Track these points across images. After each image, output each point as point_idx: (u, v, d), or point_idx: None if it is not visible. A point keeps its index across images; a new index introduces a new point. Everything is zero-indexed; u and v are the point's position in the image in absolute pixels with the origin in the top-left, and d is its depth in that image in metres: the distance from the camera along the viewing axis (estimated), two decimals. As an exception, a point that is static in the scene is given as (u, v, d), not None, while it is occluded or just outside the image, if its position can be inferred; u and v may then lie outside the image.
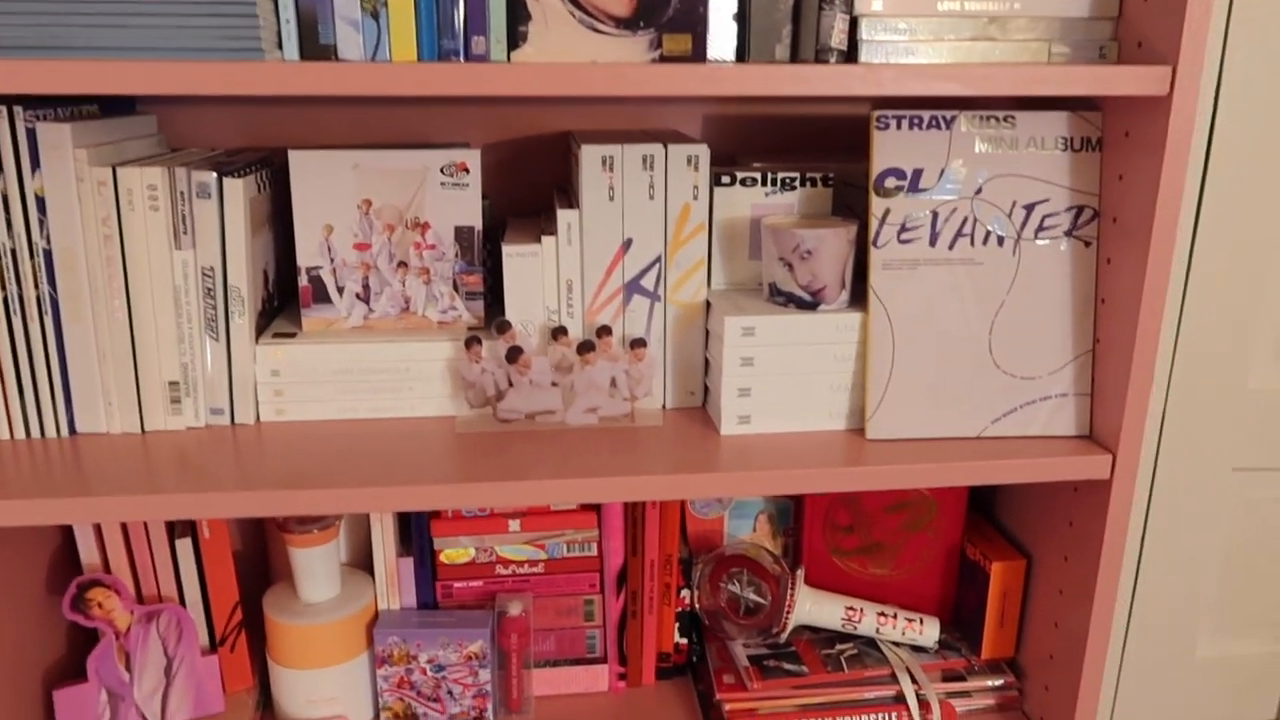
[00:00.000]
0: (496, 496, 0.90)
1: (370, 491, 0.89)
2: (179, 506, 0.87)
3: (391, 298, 1.05)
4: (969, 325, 0.98)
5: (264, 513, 0.88)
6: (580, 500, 0.90)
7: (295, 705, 1.09)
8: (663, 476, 0.92)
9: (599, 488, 0.91)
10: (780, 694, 1.11)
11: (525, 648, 1.12)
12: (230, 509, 0.88)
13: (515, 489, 0.90)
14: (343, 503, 0.89)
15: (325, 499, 0.89)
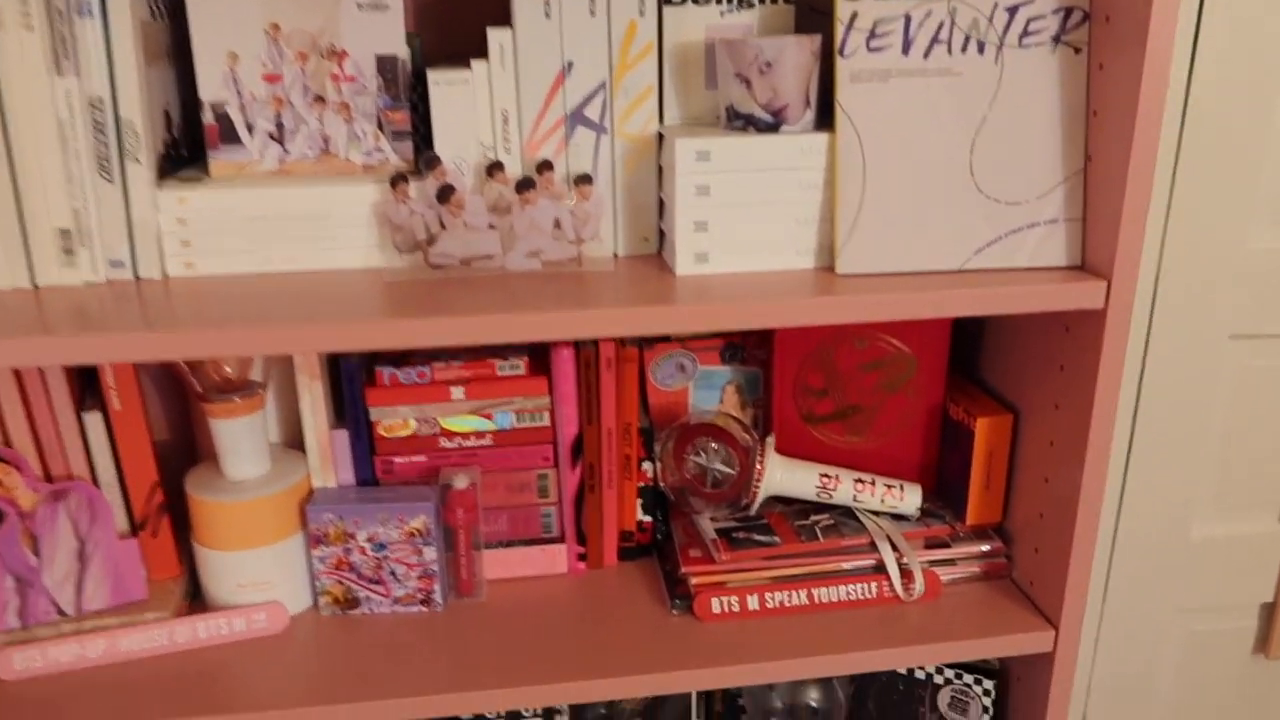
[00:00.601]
0: (432, 333, 0.81)
1: (292, 330, 0.79)
2: (80, 350, 0.78)
3: (309, 137, 0.94)
4: (948, 145, 0.88)
5: (175, 355, 0.79)
6: (524, 337, 0.81)
7: (224, 591, 1.00)
8: (613, 310, 0.82)
9: (544, 324, 0.82)
10: (751, 565, 1.03)
11: (474, 524, 1.03)
12: (137, 351, 0.78)
13: (453, 325, 0.81)
14: (262, 343, 0.79)
15: (242, 339, 0.79)
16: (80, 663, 0.96)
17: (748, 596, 1.02)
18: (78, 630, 0.97)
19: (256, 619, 1.00)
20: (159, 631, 0.97)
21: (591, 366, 1.03)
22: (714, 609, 1.02)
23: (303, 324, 0.80)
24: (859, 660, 0.98)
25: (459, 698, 0.93)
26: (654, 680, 0.96)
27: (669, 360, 1.15)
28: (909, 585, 1.04)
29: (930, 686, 1.11)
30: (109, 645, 0.96)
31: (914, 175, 0.89)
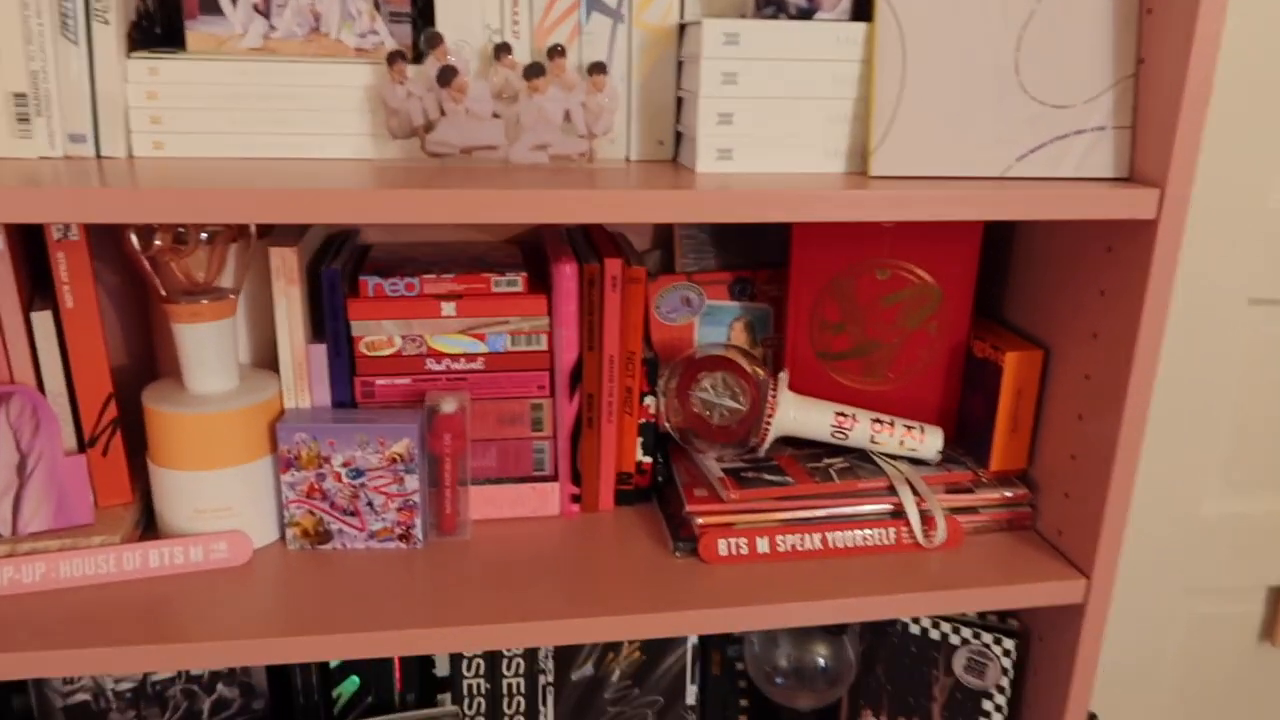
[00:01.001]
0: (426, 207, 0.72)
1: (269, 196, 0.71)
2: (27, 205, 0.69)
3: (298, 13, 0.86)
4: (993, 40, 0.82)
5: (132, 216, 0.69)
6: (523, 219, 0.73)
7: (180, 517, 0.91)
8: (626, 193, 0.75)
9: (550, 203, 0.74)
10: (761, 506, 0.95)
11: (461, 452, 0.94)
12: (90, 209, 0.69)
13: (450, 199, 0.72)
14: (232, 207, 0.70)
15: (210, 204, 0.70)
16: (13, 588, 0.85)
17: (757, 539, 0.94)
18: (12, 553, 0.87)
19: (216, 548, 0.90)
20: (105, 557, 0.87)
21: (595, 286, 0.95)
22: (720, 551, 0.94)
23: (281, 193, 0.71)
24: (878, 605, 0.90)
25: (435, 633, 0.84)
26: (652, 621, 0.87)
27: (673, 293, 1.07)
28: (930, 532, 0.96)
29: (945, 647, 1.04)
30: (48, 570, 0.86)
31: (956, 72, 0.82)
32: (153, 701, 0.99)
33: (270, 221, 0.72)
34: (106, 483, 0.92)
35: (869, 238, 0.99)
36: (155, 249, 0.88)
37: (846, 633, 1.02)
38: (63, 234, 0.86)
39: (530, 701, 1.07)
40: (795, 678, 1.02)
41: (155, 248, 0.87)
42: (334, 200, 0.72)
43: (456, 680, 1.05)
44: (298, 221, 0.72)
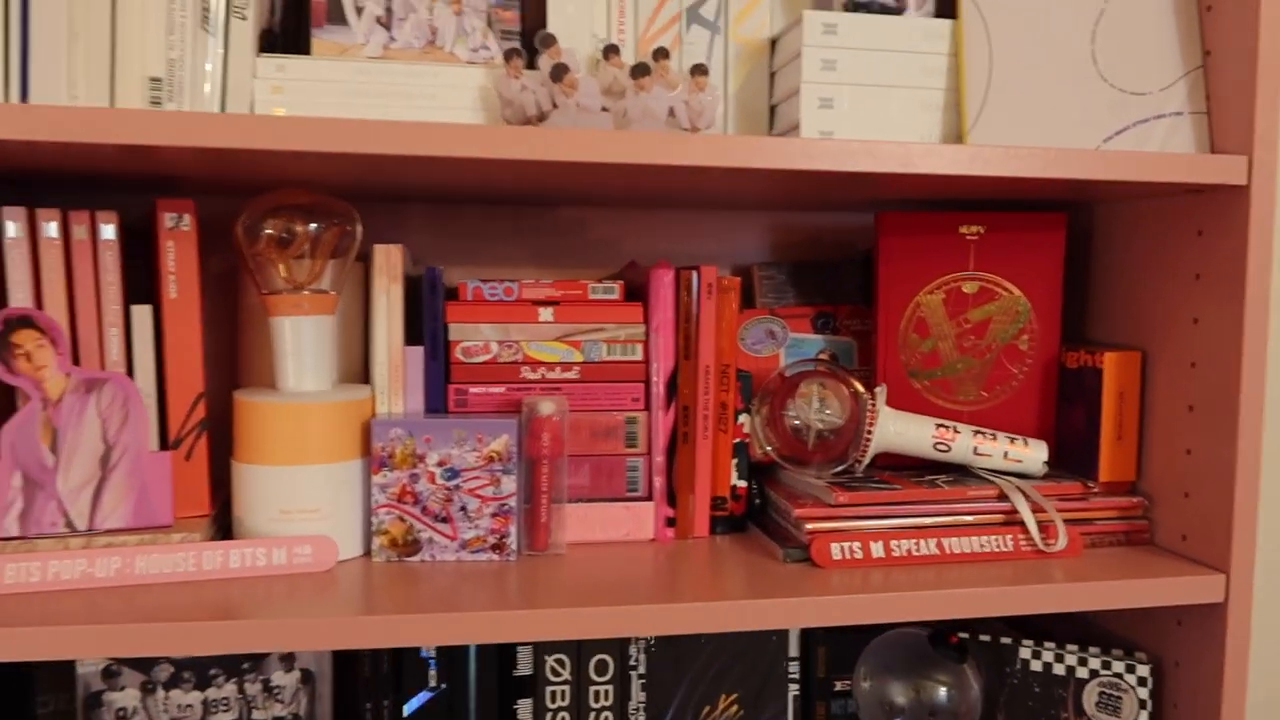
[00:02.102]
0: (539, 145, 0.75)
1: (401, 128, 0.73)
2: (140, 127, 0.70)
3: (417, 27, 0.92)
4: (1070, 33, 0.88)
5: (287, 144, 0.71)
6: (636, 159, 0.75)
7: (264, 518, 0.85)
8: (741, 139, 0.77)
9: (659, 145, 0.76)
10: (871, 511, 0.90)
11: (558, 456, 0.90)
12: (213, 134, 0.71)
13: (583, 139, 0.75)
14: (369, 138, 0.72)
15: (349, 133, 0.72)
16: (86, 582, 0.78)
17: (871, 543, 0.89)
18: (88, 545, 0.80)
19: (300, 552, 0.84)
20: (185, 555, 0.81)
21: (691, 293, 0.95)
22: (834, 555, 0.88)
23: (412, 128, 0.74)
24: (1012, 597, 0.84)
25: (527, 616, 0.77)
26: (768, 608, 0.80)
27: (757, 326, 1.08)
28: (1049, 540, 0.91)
29: (1073, 683, 0.95)
30: (123, 565, 0.79)
31: (1038, 62, 0.88)
32: (208, 749, 0.88)
33: (402, 152, 0.74)
34: (185, 491, 0.87)
35: (954, 251, 1.01)
36: (261, 244, 0.88)
37: (968, 661, 0.94)
38: (175, 223, 0.87)
39: (619, 764, 0.96)
40: (915, 717, 0.93)
41: (262, 242, 0.88)
42: (461, 135, 0.74)
43: (539, 737, 0.95)
44: (424, 153, 0.74)
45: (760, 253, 1.18)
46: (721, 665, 0.98)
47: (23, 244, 0.84)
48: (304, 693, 0.90)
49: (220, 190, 1.02)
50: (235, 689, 0.88)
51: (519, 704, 0.94)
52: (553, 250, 1.14)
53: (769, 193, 1.03)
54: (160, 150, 0.75)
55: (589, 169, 0.81)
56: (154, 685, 0.86)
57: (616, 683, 0.96)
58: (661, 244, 1.16)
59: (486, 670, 0.94)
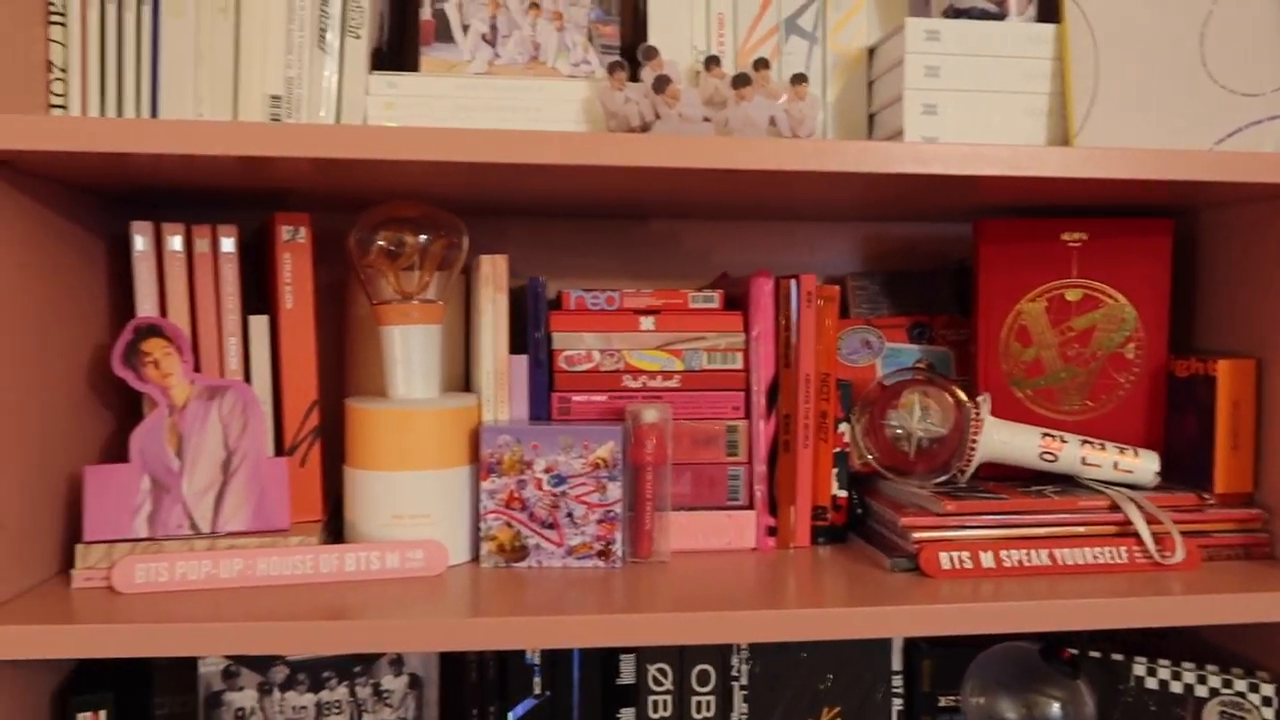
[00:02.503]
0: (649, 152, 0.76)
1: (510, 136, 0.75)
2: (263, 139, 0.73)
3: (520, 43, 0.94)
4: (1177, 35, 0.87)
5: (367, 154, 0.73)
6: (747, 164, 0.76)
7: (376, 524, 0.87)
8: (848, 143, 0.78)
9: (766, 150, 0.77)
10: (980, 521, 0.89)
11: (662, 463, 0.91)
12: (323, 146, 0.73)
13: (670, 147, 0.76)
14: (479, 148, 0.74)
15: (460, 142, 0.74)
16: (210, 582, 0.81)
17: (980, 553, 0.88)
18: (212, 548, 0.83)
19: (412, 556, 0.85)
20: (302, 558, 0.83)
21: (791, 301, 0.95)
22: (943, 564, 0.87)
23: (521, 136, 0.75)
24: (1128, 610, 0.82)
25: (632, 620, 0.77)
26: (879, 615, 0.79)
27: (853, 335, 1.07)
28: (1165, 552, 0.89)
29: (1191, 702, 0.92)
30: (245, 566, 0.81)
31: (1146, 64, 0.87)
32: (320, 751, 0.90)
33: (510, 160, 0.75)
34: (300, 496, 0.90)
35: (1056, 258, 1.00)
36: (372, 255, 0.90)
37: (1081, 677, 0.92)
38: (291, 235, 0.90)
39: (721, 776, 0.95)
40: (1027, 732, 0.91)
41: (372, 253, 0.90)
42: (572, 142, 0.76)
43: (641, 747, 0.94)
44: (535, 160, 0.76)
45: (851, 264, 1.18)
46: (824, 678, 0.97)
47: (149, 257, 0.87)
48: (412, 697, 0.91)
49: (329, 205, 1.05)
50: (347, 692, 0.89)
51: (622, 713, 0.94)
52: (645, 262, 1.15)
53: (862, 202, 1.03)
54: (279, 163, 0.78)
55: (694, 176, 0.82)
56: (270, 686, 0.88)
57: (718, 693, 0.95)
58: (752, 256, 1.16)
59: (590, 678, 0.94)
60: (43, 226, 0.84)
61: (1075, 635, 1.02)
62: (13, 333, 0.79)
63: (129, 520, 0.82)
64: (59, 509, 0.86)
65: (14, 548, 0.79)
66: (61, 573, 0.85)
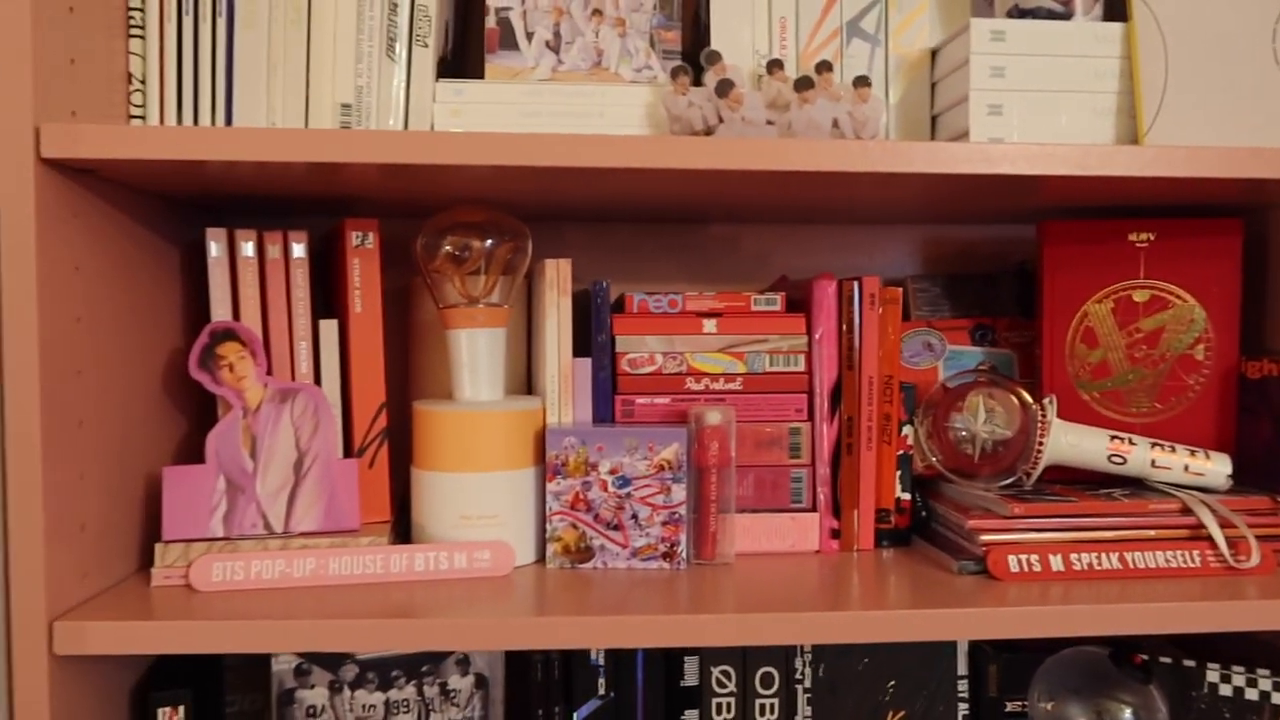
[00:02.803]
0: (717, 155, 0.76)
1: (579, 141, 0.76)
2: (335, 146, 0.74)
3: (583, 49, 0.95)
4: (1249, 33, 0.86)
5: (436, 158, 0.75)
6: (817, 166, 0.76)
7: (445, 524, 0.88)
8: (915, 144, 0.77)
9: (834, 152, 0.77)
10: (1048, 525, 0.88)
11: (726, 465, 0.91)
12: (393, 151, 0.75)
13: (737, 149, 0.76)
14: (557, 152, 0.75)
15: (530, 148, 0.75)
16: (283, 581, 0.82)
17: (1050, 556, 0.87)
18: (285, 547, 0.84)
19: (479, 557, 0.86)
20: (373, 557, 0.84)
21: (853, 304, 0.95)
22: (1011, 567, 0.86)
23: (589, 140, 0.76)
24: (1203, 614, 0.80)
25: (697, 621, 0.77)
26: (948, 618, 0.78)
27: (915, 338, 1.07)
28: (1239, 556, 0.87)
29: (1269, 709, 0.90)
30: (317, 566, 0.83)
31: (1217, 61, 0.85)
32: (388, 750, 0.91)
33: (575, 164, 0.76)
34: (368, 497, 0.91)
35: (1123, 259, 0.99)
36: (439, 260, 0.92)
37: (1153, 682, 0.91)
38: (360, 241, 0.91)
39: (785, 780, 0.95)
40: (1098, 739, 0.89)
41: (439, 258, 0.92)
42: (631, 146, 0.77)
43: (705, 749, 0.94)
44: (596, 165, 0.76)
45: (910, 267, 1.17)
46: (888, 682, 0.96)
47: (223, 263, 0.89)
48: (478, 697, 0.92)
49: (395, 212, 1.07)
50: (415, 691, 0.90)
51: (686, 715, 0.94)
52: (704, 266, 1.15)
53: (924, 205, 1.02)
54: (348, 169, 0.79)
55: (759, 179, 0.82)
56: (341, 685, 0.89)
57: (782, 696, 0.95)
58: (811, 259, 1.16)
59: (654, 679, 0.94)
60: (123, 233, 0.86)
61: (1145, 642, 1.00)
62: (96, 336, 0.81)
63: (205, 520, 0.84)
64: (138, 509, 0.88)
65: (96, 547, 0.81)
66: (140, 571, 0.88)
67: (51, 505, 0.74)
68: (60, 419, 0.76)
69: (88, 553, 0.80)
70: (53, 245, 0.75)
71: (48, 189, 0.74)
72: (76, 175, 0.78)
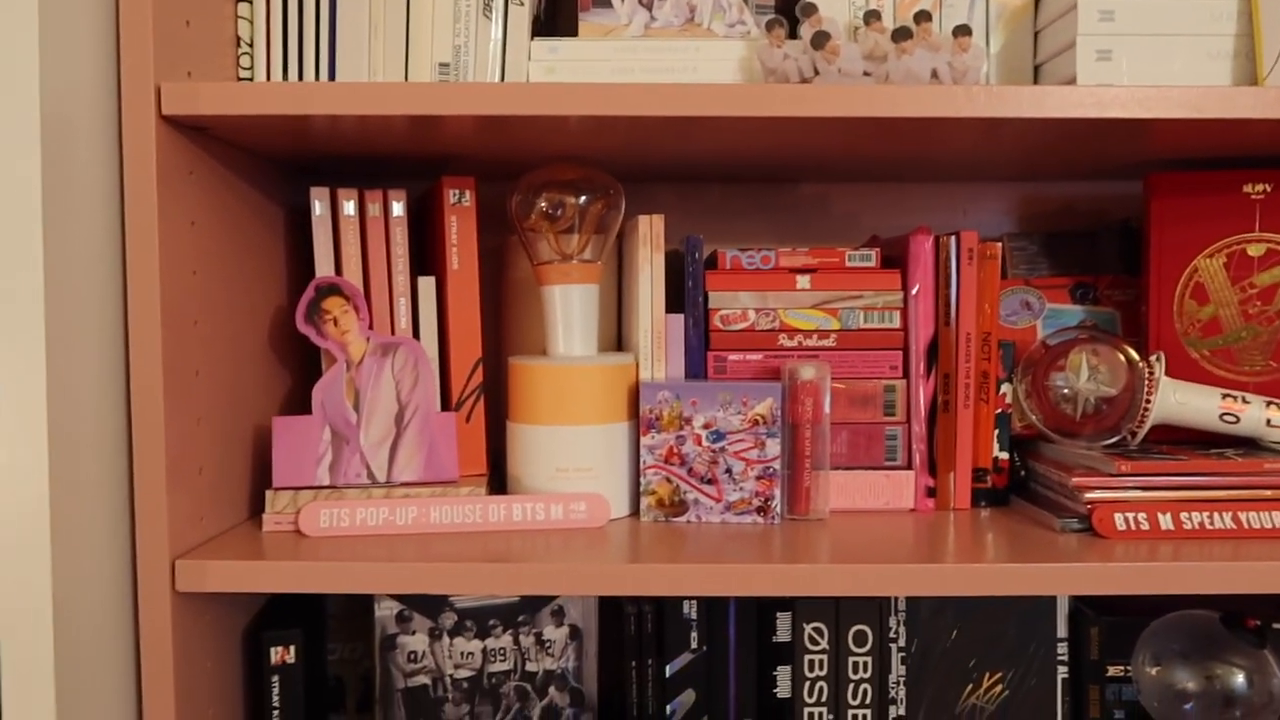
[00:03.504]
0: (815, 101, 0.75)
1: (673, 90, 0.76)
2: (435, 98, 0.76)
3: (675, 6, 0.94)
4: (1379, -33, 0.82)
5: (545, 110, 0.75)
6: (920, 112, 0.75)
7: (541, 476, 0.89)
8: (1023, 88, 0.76)
9: (931, 98, 0.75)
10: (1157, 482, 0.86)
11: (820, 420, 0.90)
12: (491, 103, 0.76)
13: (837, 96, 0.75)
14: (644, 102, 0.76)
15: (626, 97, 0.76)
16: (386, 528, 0.84)
17: (1159, 514, 0.84)
18: (388, 496, 0.87)
19: (575, 508, 0.87)
20: (473, 507, 0.86)
21: (951, 259, 0.94)
22: (1118, 525, 0.84)
23: (697, 86, 0.76)
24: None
25: (784, 570, 0.77)
26: (1050, 573, 0.77)
27: (1013, 296, 1.04)
28: (1361, 517, 0.84)
29: (1391, 677, 0.87)
30: (419, 514, 0.85)
31: (1344, -1, 0.82)
32: (487, 697, 0.93)
33: (672, 113, 0.76)
34: (465, 451, 0.93)
35: (1236, 211, 0.95)
36: (533, 218, 0.93)
37: (1268, 646, 0.88)
38: (457, 198, 0.93)
39: (879, 738, 0.94)
40: (1208, 705, 0.87)
41: (534, 216, 0.93)
42: (729, 94, 0.76)
43: (797, 706, 0.94)
44: (694, 114, 0.76)
45: (1004, 226, 1.15)
46: (985, 643, 0.95)
47: (326, 221, 0.92)
48: (572, 648, 0.94)
49: (487, 174, 1.08)
50: (511, 640, 0.92)
51: (778, 670, 0.94)
52: (794, 226, 1.14)
53: (1021, 159, 1.00)
54: (446, 123, 0.81)
55: (860, 127, 0.81)
56: (440, 632, 0.91)
57: (875, 654, 0.94)
58: (902, 219, 1.15)
59: (746, 635, 0.95)
60: (233, 192, 0.89)
61: (1259, 606, 0.97)
62: (210, 290, 0.84)
63: (312, 469, 0.87)
64: (247, 458, 0.92)
65: (211, 492, 0.84)
66: (251, 519, 0.91)
67: (172, 449, 0.78)
68: (179, 367, 0.79)
69: (204, 497, 0.83)
70: (171, 200, 0.78)
71: (167, 145, 0.77)
72: (192, 133, 0.81)
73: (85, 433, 0.73)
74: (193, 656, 0.81)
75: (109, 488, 0.76)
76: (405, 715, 0.91)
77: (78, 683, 0.73)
